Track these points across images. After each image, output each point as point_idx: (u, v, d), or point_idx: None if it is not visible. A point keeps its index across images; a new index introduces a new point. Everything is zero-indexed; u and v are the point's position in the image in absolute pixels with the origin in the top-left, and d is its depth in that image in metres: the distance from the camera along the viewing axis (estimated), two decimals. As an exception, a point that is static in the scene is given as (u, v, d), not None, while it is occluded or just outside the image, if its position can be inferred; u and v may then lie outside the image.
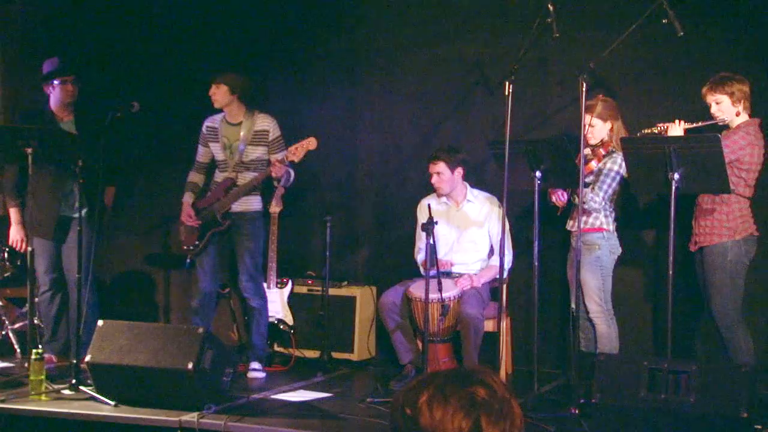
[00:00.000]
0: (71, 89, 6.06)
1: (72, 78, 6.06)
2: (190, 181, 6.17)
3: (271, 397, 5.37)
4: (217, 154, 6.04)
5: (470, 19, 6.55)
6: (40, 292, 6.15)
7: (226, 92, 5.91)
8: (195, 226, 6.01)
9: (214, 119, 6.08)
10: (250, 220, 6.01)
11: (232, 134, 5.98)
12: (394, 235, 6.68)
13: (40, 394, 5.15)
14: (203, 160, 6.16)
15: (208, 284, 6.04)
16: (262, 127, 5.96)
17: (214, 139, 6.04)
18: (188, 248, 6.05)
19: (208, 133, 6.08)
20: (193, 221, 6.01)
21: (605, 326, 5.54)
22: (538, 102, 6.36)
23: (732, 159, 5.03)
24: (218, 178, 6.06)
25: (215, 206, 5.97)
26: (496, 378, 1.87)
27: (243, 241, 5.98)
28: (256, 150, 5.96)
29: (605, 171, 5.49)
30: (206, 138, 6.08)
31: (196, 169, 6.18)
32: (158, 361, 4.89)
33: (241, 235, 5.98)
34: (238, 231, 5.98)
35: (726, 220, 5.18)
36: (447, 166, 5.91)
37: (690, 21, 5.38)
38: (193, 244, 6.03)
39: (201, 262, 6.05)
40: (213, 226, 5.98)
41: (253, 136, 5.94)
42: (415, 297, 5.78)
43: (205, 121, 6.11)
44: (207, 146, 6.09)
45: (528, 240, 5.82)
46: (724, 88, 5.14)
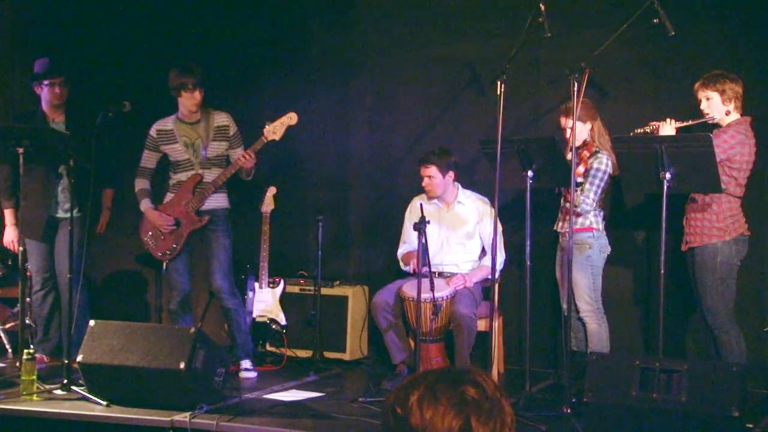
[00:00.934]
0: (59, 91, 6.04)
1: (61, 80, 6.04)
2: (143, 189, 6.07)
3: (263, 397, 5.37)
4: (177, 155, 5.97)
5: (462, 18, 6.55)
6: (33, 291, 6.14)
7: (203, 94, 5.90)
8: (167, 231, 5.95)
9: (165, 122, 6.01)
10: (222, 216, 5.99)
11: (192, 133, 5.95)
12: (386, 235, 6.68)
13: (32, 394, 5.14)
14: (150, 166, 6.09)
15: (186, 284, 6.02)
16: (221, 123, 5.96)
17: (171, 141, 5.98)
18: (164, 254, 6.00)
19: (159, 137, 6.01)
20: (169, 222, 5.96)
21: (596, 325, 5.55)
22: (530, 101, 6.37)
23: (723, 158, 5.03)
24: (180, 177, 5.98)
25: (187, 205, 5.93)
26: (487, 377, 1.87)
27: (218, 238, 5.95)
28: (219, 146, 5.95)
29: (592, 171, 5.50)
30: (158, 141, 6.01)
31: (143, 176, 6.09)
32: (150, 361, 4.88)
33: (216, 232, 5.95)
34: (212, 227, 5.95)
35: (716, 221, 5.18)
36: (438, 169, 5.91)
37: (681, 20, 5.39)
38: (169, 248, 5.97)
39: (175, 264, 6.00)
40: (190, 225, 5.94)
41: (215, 133, 5.93)
42: (407, 297, 5.79)
43: (154, 126, 6.03)
44: (158, 151, 6.03)
45: (519, 240, 5.82)
46: (716, 84, 5.15)
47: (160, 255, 6.02)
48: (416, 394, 1.84)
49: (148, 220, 6.03)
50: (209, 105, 6.03)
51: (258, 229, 6.43)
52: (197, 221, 5.92)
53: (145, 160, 6.09)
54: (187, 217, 5.93)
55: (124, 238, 7.24)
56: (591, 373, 4.64)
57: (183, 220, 5.94)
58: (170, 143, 5.99)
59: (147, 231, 6.05)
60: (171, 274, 6.03)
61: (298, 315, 6.57)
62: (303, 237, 7.00)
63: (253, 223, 6.53)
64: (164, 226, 5.95)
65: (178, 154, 5.98)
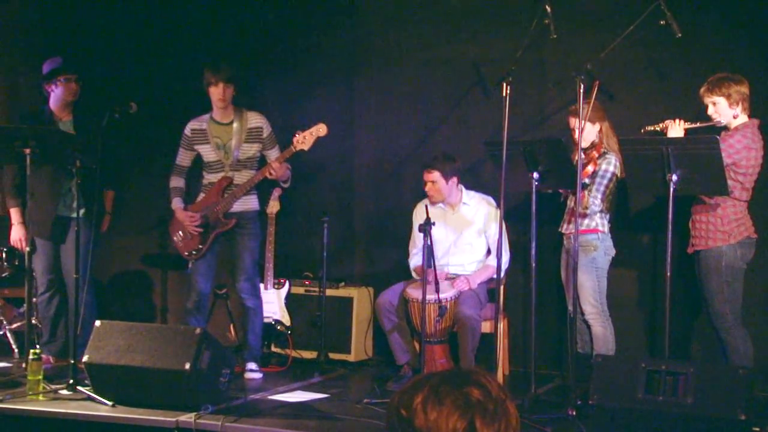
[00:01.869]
0: (75, 87, 6.06)
1: (76, 76, 6.06)
2: (175, 186, 6.09)
3: (268, 398, 5.37)
4: (208, 156, 5.99)
5: (467, 20, 6.55)
6: (39, 292, 6.15)
7: (232, 91, 5.89)
8: (194, 232, 5.97)
9: (200, 121, 6.02)
10: (250, 219, 6.00)
11: (224, 134, 5.95)
12: (391, 236, 6.68)
13: (38, 394, 5.15)
14: (185, 164, 6.10)
15: (204, 285, 6.02)
16: (255, 124, 5.94)
17: (203, 141, 5.99)
18: (190, 253, 6.01)
19: (194, 136, 6.01)
20: (196, 223, 5.97)
21: (601, 327, 5.54)
22: (536, 103, 6.37)
23: (729, 162, 5.01)
24: (211, 179, 6.00)
25: (216, 207, 5.95)
26: (491, 379, 1.87)
27: (244, 240, 5.96)
28: (251, 147, 5.94)
29: (600, 172, 5.49)
30: (192, 141, 6.01)
31: (178, 173, 6.10)
32: (155, 362, 4.88)
33: (242, 235, 5.96)
34: (239, 230, 5.96)
35: (721, 224, 5.17)
36: (442, 175, 5.91)
37: (688, 22, 5.38)
38: (195, 248, 5.99)
39: (198, 264, 6.02)
40: (217, 227, 5.96)
41: (247, 134, 5.92)
42: (412, 298, 5.78)
43: (189, 124, 6.03)
44: (192, 149, 6.03)
45: (525, 241, 5.82)
46: (721, 89, 5.13)
47: (187, 254, 6.04)
48: (420, 395, 1.84)
49: (177, 219, 6.04)
50: (242, 105, 6.01)
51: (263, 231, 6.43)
52: (224, 224, 5.93)
53: (179, 158, 6.10)
54: (215, 219, 5.94)
55: (130, 239, 7.26)
56: (596, 375, 4.63)
57: (210, 222, 5.95)
58: (202, 143, 5.99)
59: (176, 230, 6.07)
60: (193, 273, 6.04)
61: (303, 316, 6.57)
62: (308, 238, 7.00)
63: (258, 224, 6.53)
64: (191, 227, 5.96)
65: (209, 154, 5.98)
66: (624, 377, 4.54)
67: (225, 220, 5.93)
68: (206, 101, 6.00)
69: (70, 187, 6.00)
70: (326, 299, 6.35)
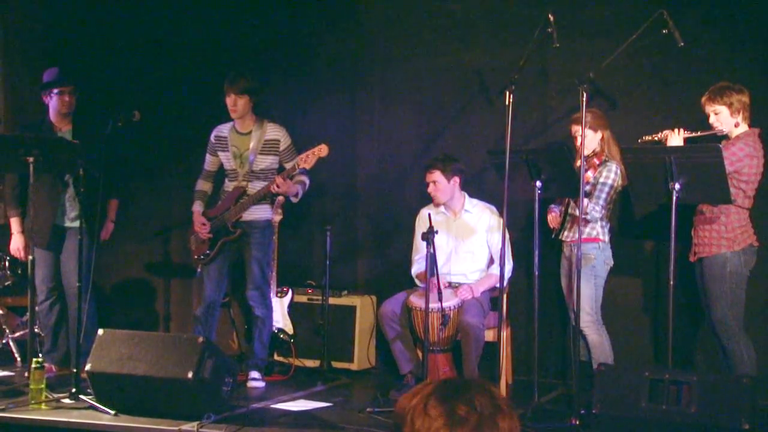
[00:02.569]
0: (68, 100, 6.06)
1: (70, 89, 6.06)
2: (199, 190, 6.17)
3: (270, 407, 5.36)
4: (226, 163, 6.04)
5: (471, 28, 6.56)
6: (39, 301, 6.14)
7: (247, 102, 5.90)
8: (204, 237, 6.00)
9: (223, 128, 6.07)
10: (259, 229, 6.00)
11: (242, 143, 5.98)
12: (394, 245, 6.68)
13: (40, 403, 5.14)
14: (211, 169, 6.16)
15: (212, 293, 6.03)
16: (272, 136, 5.96)
17: (224, 149, 6.03)
18: (198, 257, 6.05)
19: (216, 143, 6.07)
20: (206, 231, 6.00)
21: (596, 336, 5.54)
22: (539, 112, 6.37)
23: (731, 171, 5.02)
24: (228, 187, 6.05)
25: (226, 215, 5.97)
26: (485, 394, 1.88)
27: (252, 250, 5.97)
28: (266, 159, 5.95)
29: (601, 180, 5.50)
30: (215, 147, 6.08)
31: (204, 177, 6.18)
32: (158, 370, 4.88)
33: (250, 244, 5.97)
34: (248, 240, 5.97)
35: (725, 231, 5.17)
36: (443, 174, 5.91)
37: (690, 31, 5.39)
38: (203, 253, 6.02)
39: (208, 271, 6.03)
40: (224, 234, 5.97)
41: (263, 146, 5.94)
42: (415, 306, 5.78)
43: (214, 131, 6.09)
44: (215, 155, 6.09)
45: (528, 250, 5.81)
46: (723, 98, 5.14)
47: (195, 258, 6.08)
48: (411, 404, 1.88)
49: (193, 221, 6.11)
50: (264, 116, 6.04)
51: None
52: (231, 233, 5.95)
53: (206, 162, 6.17)
54: (224, 227, 5.96)
55: (132, 247, 7.26)
56: (600, 384, 4.62)
57: (220, 229, 5.97)
58: (222, 150, 6.05)
59: (193, 232, 6.13)
60: (203, 279, 6.07)
61: (306, 325, 6.57)
62: (311, 247, 7.00)
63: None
64: (201, 230, 6.00)
65: (226, 162, 6.03)
66: (627, 386, 4.53)
67: (232, 229, 5.94)
68: (211, 108, 6.01)
69: (69, 197, 6.02)
70: (329, 308, 6.34)
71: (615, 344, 5.65)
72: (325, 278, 6.29)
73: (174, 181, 6.98)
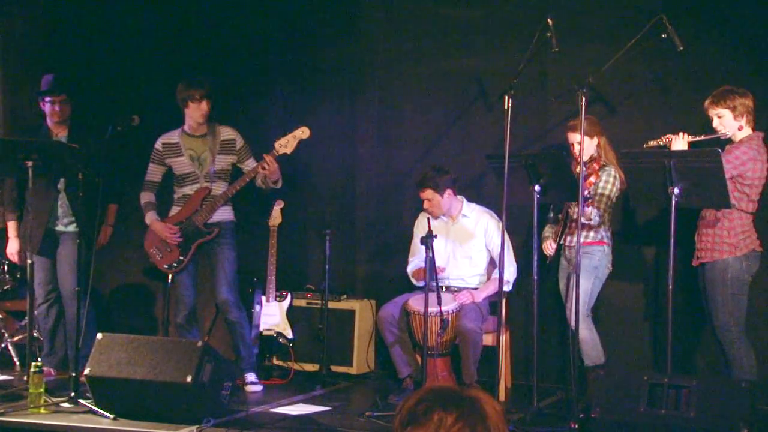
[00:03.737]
0: (59, 109, 6.07)
1: (62, 98, 6.06)
2: (148, 202, 6.10)
3: (269, 411, 5.37)
4: (182, 168, 6.01)
5: (470, 33, 6.56)
6: (36, 305, 6.14)
7: (210, 106, 5.94)
8: (174, 243, 5.98)
9: (171, 135, 6.05)
10: (228, 229, 6.01)
11: (198, 146, 5.98)
12: (394, 249, 6.68)
13: (39, 407, 5.14)
14: (156, 179, 6.12)
15: (191, 298, 6.04)
16: (227, 136, 6.00)
17: (177, 154, 6.02)
18: (170, 266, 6.02)
19: (165, 150, 6.04)
20: (176, 235, 5.98)
21: (587, 331, 5.54)
22: (538, 116, 6.38)
23: (734, 174, 5.03)
24: (186, 191, 6.01)
25: (194, 218, 5.95)
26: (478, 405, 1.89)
27: (224, 251, 5.96)
28: (226, 159, 5.99)
29: (601, 185, 5.52)
30: (164, 155, 6.05)
31: (149, 189, 6.12)
32: (157, 375, 4.88)
33: (222, 245, 5.96)
34: (219, 240, 5.96)
35: (728, 236, 5.16)
36: (435, 191, 5.91)
37: (689, 36, 5.40)
38: (176, 260, 5.99)
39: (181, 278, 6.03)
40: (198, 237, 5.96)
41: (221, 146, 5.97)
42: (414, 311, 5.78)
43: (160, 139, 6.07)
44: (163, 164, 6.06)
45: (527, 254, 5.81)
46: (726, 102, 5.14)
47: (166, 267, 6.04)
48: (399, 412, 1.94)
49: (153, 233, 6.04)
50: (215, 119, 6.06)
51: (265, 243, 6.43)
52: (206, 234, 5.93)
53: (150, 173, 6.12)
54: (195, 229, 5.94)
55: (131, 252, 7.25)
56: (599, 388, 4.62)
57: (190, 233, 5.95)
58: (176, 156, 6.02)
59: (153, 244, 6.06)
60: (177, 287, 6.04)
61: (305, 329, 6.57)
62: (310, 251, 7.00)
63: (260, 236, 6.54)
64: (171, 237, 5.97)
65: (183, 167, 6.00)
66: (626, 390, 4.54)
67: (207, 229, 5.93)
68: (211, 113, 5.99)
69: (62, 202, 6.02)
70: (328, 312, 6.34)
71: (615, 349, 5.66)
72: (325, 282, 6.29)
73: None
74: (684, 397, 4.39)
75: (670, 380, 4.49)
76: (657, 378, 4.54)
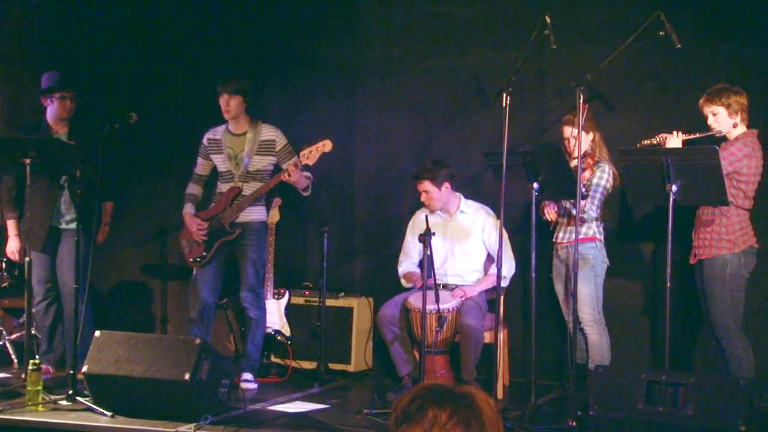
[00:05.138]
0: (69, 105, 6.07)
1: (72, 94, 6.07)
2: (190, 193, 6.14)
3: (267, 408, 5.37)
4: (220, 165, 6.03)
5: (468, 30, 6.56)
6: (35, 302, 6.15)
7: (240, 103, 5.91)
8: (199, 239, 5.99)
9: (216, 131, 6.07)
10: (255, 230, 6.00)
11: (237, 144, 5.98)
12: (392, 246, 6.67)
13: (37, 404, 5.13)
14: (203, 173, 6.15)
15: (208, 295, 6.02)
16: (268, 137, 5.96)
17: (218, 151, 6.03)
18: (195, 260, 6.03)
19: (209, 145, 6.07)
20: (203, 233, 5.99)
21: (597, 336, 5.55)
22: (536, 114, 6.37)
23: (730, 171, 5.03)
24: (222, 188, 6.05)
25: (222, 216, 5.96)
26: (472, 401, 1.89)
27: (248, 251, 5.97)
28: (263, 160, 5.96)
29: (595, 180, 5.53)
30: (208, 150, 6.07)
31: (195, 181, 6.17)
32: (155, 372, 4.88)
33: (245, 246, 5.97)
34: (243, 241, 5.96)
35: (726, 233, 5.17)
36: (432, 183, 5.90)
37: (687, 33, 5.40)
38: (200, 255, 6.00)
39: (203, 273, 6.02)
40: (222, 235, 5.96)
41: (259, 146, 5.94)
42: (413, 308, 5.78)
43: (206, 134, 6.09)
44: (208, 158, 6.08)
45: (524, 251, 5.81)
46: (721, 99, 5.15)
47: (191, 261, 6.06)
48: (394, 411, 1.95)
49: (186, 225, 6.07)
50: (258, 117, 6.05)
51: (267, 243, 6.43)
52: (229, 233, 5.93)
53: (197, 166, 6.16)
54: (221, 228, 5.95)
55: (129, 249, 7.26)
56: (597, 386, 4.62)
57: (216, 231, 5.96)
58: (216, 153, 6.04)
59: (185, 235, 6.10)
60: (197, 282, 6.04)
61: (303, 326, 6.57)
62: (308, 248, 7.00)
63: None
64: (196, 233, 5.98)
65: (221, 164, 6.02)
66: (624, 388, 4.54)
67: (230, 229, 5.94)
68: (208, 111, 6.01)
69: (65, 199, 6.01)
70: (326, 309, 6.34)
71: (613, 346, 5.66)
72: (322, 280, 6.29)
73: (170, 183, 6.96)
74: (682, 395, 4.39)
75: (668, 378, 4.49)
76: (655, 375, 4.54)
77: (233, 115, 5.92)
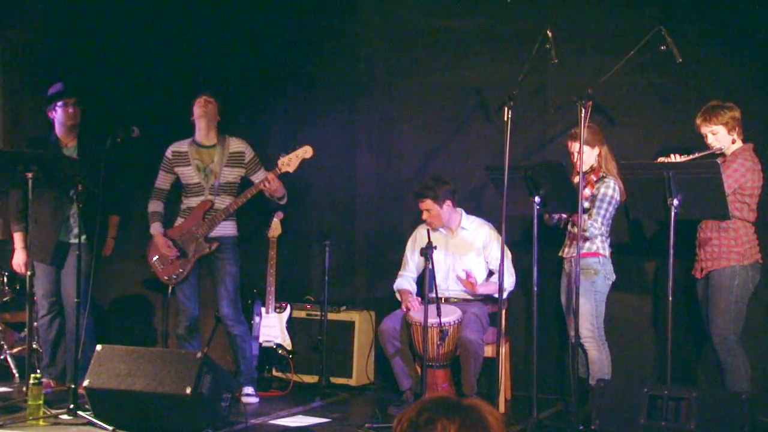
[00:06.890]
0: (72, 111, 6.08)
1: (74, 100, 6.09)
2: (155, 211, 6.10)
3: (268, 422, 5.36)
4: (189, 178, 6.00)
5: (469, 44, 6.58)
6: (39, 316, 6.15)
7: (216, 109, 5.95)
8: (174, 256, 5.99)
9: (181, 144, 6.06)
10: (230, 244, 6.01)
11: (206, 157, 5.98)
12: (393, 261, 6.66)
13: (38, 419, 5.13)
14: (164, 187, 6.12)
15: (194, 309, 6.03)
16: (237, 149, 5.99)
17: (184, 163, 6.02)
18: (170, 278, 6.02)
19: (174, 158, 6.04)
20: (173, 252, 5.98)
21: (596, 352, 5.53)
22: (537, 128, 6.38)
23: (735, 187, 5.08)
24: (190, 203, 6.01)
25: (195, 230, 5.95)
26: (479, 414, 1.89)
27: (225, 266, 5.96)
28: (232, 172, 5.97)
29: (600, 196, 5.50)
30: (172, 163, 6.05)
31: (157, 197, 6.12)
32: (156, 386, 4.87)
33: (223, 260, 5.96)
34: (220, 255, 5.96)
35: (735, 245, 5.19)
36: (434, 202, 5.91)
37: (688, 47, 5.41)
38: (176, 272, 5.99)
39: (182, 289, 6.02)
40: (198, 251, 5.95)
41: (228, 159, 5.96)
42: (414, 321, 5.77)
43: (170, 147, 6.07)
44: (172, 172, 6.06)
45: (526, 265, 5.81)
46: (719, 118, 5.19)
47: (166, 279, 6.04)
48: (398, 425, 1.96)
49: (155, 243, 6.04)
50: (226, 131, 6.06)
51: (265, 255, 6.43)
52: (206, 248, 5.93)
53: (159, 181, 6.12)
54: (195, 243, 5.93)
55: (131, 263, 7.25)
56: (599, 400, 4.62)
57: (190, 246, 5.94)
58: (183, 165, 6.02)
59: (154, 254, 6.06)
60: (178, 298, 6.04)
61: (304, 340, 6.56)
62: (310, 262, 7.00)
63: (260, 248, 6.54)
64: (168, 254, 5.97)
65: (189, 177, 6.00)
66: (626, 402, 4.53)
67: (206, 243, 5.93)
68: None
69: (72, 213, 6.01)
70: (328, 323, 6.34)
71: (616, 361, 5.64)
72: (324, 294, 6.29)
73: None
74: (684, 409, 4.39)
75: (670, 392, 4.49)
76: (657, 390, 4.54)
77: (210, 117, 5.93)
